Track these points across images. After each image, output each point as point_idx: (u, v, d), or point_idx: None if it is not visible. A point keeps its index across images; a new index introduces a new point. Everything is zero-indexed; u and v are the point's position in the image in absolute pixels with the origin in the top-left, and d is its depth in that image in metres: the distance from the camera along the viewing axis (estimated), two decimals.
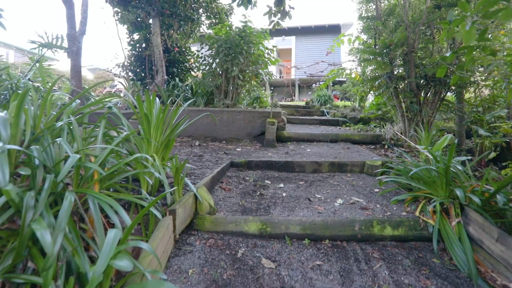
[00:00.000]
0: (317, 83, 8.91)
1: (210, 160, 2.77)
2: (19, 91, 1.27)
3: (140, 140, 1.59)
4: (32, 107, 1.27)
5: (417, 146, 2.28)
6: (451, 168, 1.82)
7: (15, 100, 1.11)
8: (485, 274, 1.32)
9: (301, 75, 13.60)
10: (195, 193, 1.65)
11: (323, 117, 5.98)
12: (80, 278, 0.86)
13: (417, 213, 1.72)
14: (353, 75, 4.88)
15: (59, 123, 1.18)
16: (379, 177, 2.36)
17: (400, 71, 3.74)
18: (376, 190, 2.27)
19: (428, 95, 3.55)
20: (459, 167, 1.81)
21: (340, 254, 1.52)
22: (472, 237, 1.47)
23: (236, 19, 6.36)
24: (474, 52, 1.42)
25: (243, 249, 1.50)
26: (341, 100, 10.30)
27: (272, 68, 13.63)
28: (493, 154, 3.10)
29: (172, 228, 1.40)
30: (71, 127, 1.21)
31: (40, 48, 4.83)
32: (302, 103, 8.79)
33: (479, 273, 1.32)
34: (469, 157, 2.14)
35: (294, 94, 13.59)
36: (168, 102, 1.98)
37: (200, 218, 1.65)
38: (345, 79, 7.41)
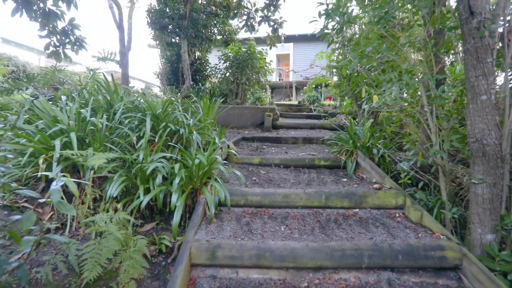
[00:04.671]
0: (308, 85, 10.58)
1: (230, 136, 4.50)
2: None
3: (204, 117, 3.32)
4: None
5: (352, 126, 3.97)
6: (356, 133, 3.53)
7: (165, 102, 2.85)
8: (356, 174, 3.04)
9: (298, 78, 15.31)
10: (227, 144, 3.38)
11: (310, 113, 7.69)
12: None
13: (338, 155, 3.43)
14: (329, 81, 6.59)
15: (179, 108, 2.91)
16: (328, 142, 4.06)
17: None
18: (326, 150, 3.98)
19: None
20: (360, 131, 3.52)
21: (297, 171, 3.23)
22: (357, 162, 3.17)
23: (242, 35, 8.21)
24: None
25: (252, 168, 3.23)
26: (333, 100, 12.01)
27: (272, 74, 15.32)
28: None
29: (221, 153, 3.12)
30: (180, 109, 2.95)
31: (99, 60, 6.60)
32: (296, 102, 10.51)
33: (354, 174, 3.03)
34: (377, 134, 3.82)
35: (292, 95, 15.31)
36: (210, 99, 3.70)
37: (230, 156, 3.37)
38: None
